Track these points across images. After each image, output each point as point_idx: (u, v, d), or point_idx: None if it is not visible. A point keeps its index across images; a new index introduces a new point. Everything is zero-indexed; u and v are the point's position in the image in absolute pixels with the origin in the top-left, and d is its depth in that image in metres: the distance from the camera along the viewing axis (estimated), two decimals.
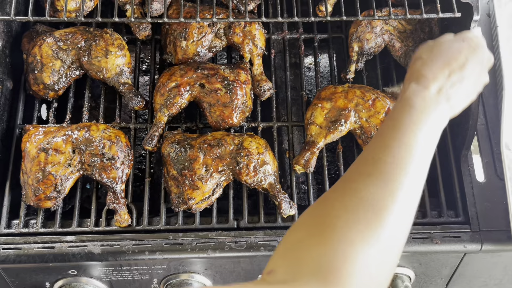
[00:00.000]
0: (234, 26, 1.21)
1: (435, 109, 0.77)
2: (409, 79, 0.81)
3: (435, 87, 0.78)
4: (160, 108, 1.15)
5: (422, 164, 0.74)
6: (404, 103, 0.77)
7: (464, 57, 0.81)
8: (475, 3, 1.07)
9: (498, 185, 1.14)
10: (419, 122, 0.74)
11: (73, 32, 1.18)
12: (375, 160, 0.72)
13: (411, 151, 0.72)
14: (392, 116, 0.77)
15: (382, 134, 0.76)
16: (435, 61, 0.80)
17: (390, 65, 1.29)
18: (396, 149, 0.72)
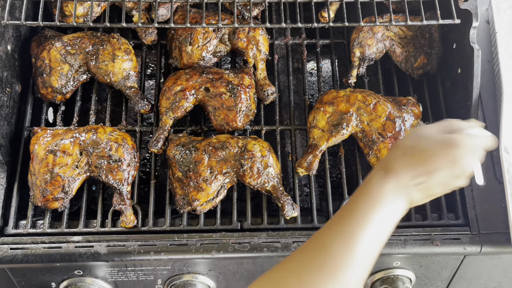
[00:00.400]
0: (238, 31, 1.23)
1: (390, 202, 0.78)
2: (380, 165, 0.83)
3: (398, 183, 0.78)
4: (165, 111, 1.17)
5: (367, 251, 0.76)
6: (364, 188, 0.80)
7: (437, 166, 0.78)
8: (475, 10, 1.09)
9: (497, 188, 1.15)
10: (371, 211, 0.77)
11: (81, 37, 1.21)
12: (321, 246, 0.76)
13: (353, 242, 0.75)
14: (352, 198, 0.81)
15: (338, 215, 0.80)
16: (408, 158, 0.80)
17: (391, 70, 1.32)
18: (341, 240, 0.75)
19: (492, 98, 1.25)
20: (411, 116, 1.16)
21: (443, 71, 1.28)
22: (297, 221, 1.14)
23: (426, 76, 1.30)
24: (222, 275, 1.18)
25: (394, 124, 1.14)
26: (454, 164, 0.79)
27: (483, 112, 1.24)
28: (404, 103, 1.18)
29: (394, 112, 1.15)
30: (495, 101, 1.23)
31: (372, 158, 1.17)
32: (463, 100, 1.16)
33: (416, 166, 0.79)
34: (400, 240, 1.11)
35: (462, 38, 1.15)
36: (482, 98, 1.26)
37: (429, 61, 1.26)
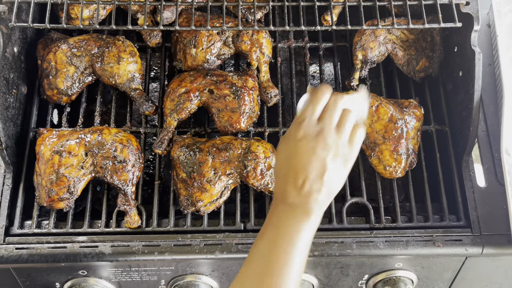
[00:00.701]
0: (242, 34, 1.25)
1: (297, 225, 0.81)
2: (274, 196, 0.87)
3: (293, 204, 0.82)
4: (170, 113, 1.18)
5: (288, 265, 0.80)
6: (269, 225, 0.85)
7: (306, 165, 0.81)
8: (476, 13, 1.10)
9: (498, 190, 1.16)
10: (286, 247, 0.81)
11: (86, 39, 1.23)
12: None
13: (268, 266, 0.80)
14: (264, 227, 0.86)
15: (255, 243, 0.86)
16: (289, 178, 0.82)
17: (393, 73, 1.33)
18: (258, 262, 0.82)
19: (493, 100, 1.27)
20: (413, 118, 1.18)
21: (444, 74, 1.29)
22: None
23: (427, 79, 1.31)
24: (225, 276, 1.19)
25: (396, 126, 1.15)
26: (326, 164, 0.81)
27: (484, 114, 1.26)
28: (406, 106, 1.20)
29: (396, 114, 1.16)
30: (496, 103, 1.24)
31: (374, 159, 1.18)
32: (464, 102, 1.17)
33: (299, 181, 0.81)
34: (402, 241, 1.12)
35: (463, 42, 1.16)
36: (483, 101, 1.27)
37: (430, 64, 1.27)
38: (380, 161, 1.17)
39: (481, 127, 1.25)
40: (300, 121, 0.86)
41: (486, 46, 1.35)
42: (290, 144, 0.85)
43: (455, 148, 1.22)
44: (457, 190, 1.19)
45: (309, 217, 0.81)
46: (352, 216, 1.19)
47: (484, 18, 1.39)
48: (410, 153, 1.18)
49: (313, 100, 0.87)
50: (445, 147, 1.24)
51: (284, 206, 0.83)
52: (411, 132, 1.17)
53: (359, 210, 1.23)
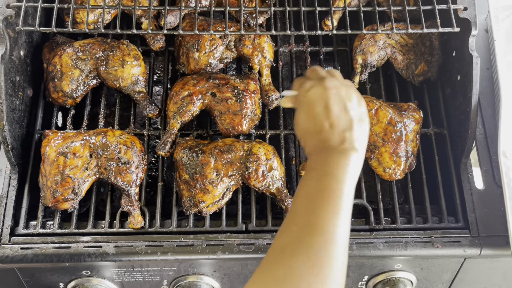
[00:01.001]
0: (244, 38, 1.27)
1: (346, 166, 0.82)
2: (308, 156, 0.88)
3: (329, 144, 0.83)
4: (173, 115, 1.20)
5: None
6: (308, 173, 0.84)
7: (326, 106, 0.84)
8: (473, 19, 1.13)
9: (496, 192, 1.18)
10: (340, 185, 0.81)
11: (91, 43, 1.25)
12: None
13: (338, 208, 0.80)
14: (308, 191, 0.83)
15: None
16: (312, 131, 0.85)
17: (393, 77, 1.35)
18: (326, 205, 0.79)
19: (491, 104, 1.29)
20: (412, 121, 1.20)
21: (443, 78, 1.31)
22: None
23: (426, 83, 1.33)
24: (226, 277, 1.20)
25: (395, 129, 1.17)
26: (343, 98, 0.84)
27: (482, 118, 1.28)
28: (405, 109, 1.21)
29: (395, 117, 1.18)
30: (494, 107, 1.26)
31: (374, 162, 1.19)
32: (462, 106, 1.19)
33: (327, 123, 0.83)
34: (401, 242, 1.14)
35: (461, 46, 1.18)
36: (481, 105, 1.29)
37: (429, 68, 1.29)
38: (380, 163, 1.19)
39: (479, 130, 1.27)
40: (301, 82, 0.90)
41: (484, 50, 1.37)
42: (303, 101, 0.87)
43: (454, 151, 1.24)
44: (456, 192, 1.20)
45: (352, 152, 0.82)
46: (352, 218, 1.20)
47: (482, 23, 1.41)
48: (409, 155, 1.20)
49: (298, 84, 0.92)
50: (444, 150, 1.26)
51: (322, 153, 0.82)
52: (410, 135, 1.19)
53: (359, 212, 1.25)
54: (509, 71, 1.31)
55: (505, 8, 1.39)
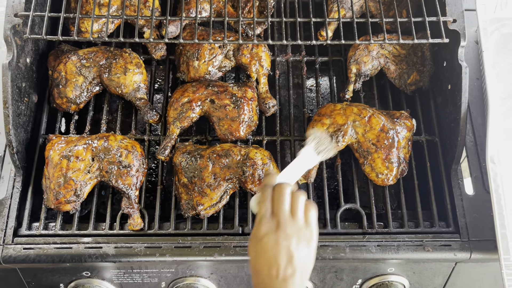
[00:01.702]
0: (242, 48, 1.31)
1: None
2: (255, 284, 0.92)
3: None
4: (173, 121, 1.25)
5: None
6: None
7: (275, 258, 0.89)
8: (462, 30, 1.17)
9: (486, 198, 1.21)
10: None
11: (95, 51, 1.30)
12: None
13: None
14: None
15: None
16: (259, 273, 0.90)
17: (386, 86, 1.39)
18: None
19: (481, 113, 1.33)
20: (403, 128, 1.23)
21: (434, 87, 1.35)
22: None
23: (419, 92, 1.38)
24: (223, 279, 1.23)
25: (388, 136, 1.21)
26: (292, 252, 0.90)
27: (472, 126, 1.32)
28: (397, 116, 1.25)
29: (388, 124, 1.22)
30: (484, 116, 1.30)
31: (367, 167, 1.23)
32: (453, 114, 1.23)
33: (273, 272, 0.88)
34: (393, 245, 1.17)
35: (451, 57, 1.22)
36: (471, 113, 1.33)
37: (421, 78, 1.34)
38: (373, 169, 1.23)
39: (469, 138, 1.31)
40: (258, 221, 0.94)
41: (474, 61, 1.42)
42: (256, 244, 0.92)
43: (445, 157, 1.28)
44: (447, 198, 1.24)
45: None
46: (346, 222, 1.24)
47: (472, 35, 1.46)
48: (401, 161, 1.23)
49: (263, 198, 0.96)
50: (435, 157, 1.30)
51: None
52: (402, 142, 1.23)
53: (352, 217, 1.28)
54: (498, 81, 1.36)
55: (494, 21, 1.44)
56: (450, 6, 1.20)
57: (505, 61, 1.39)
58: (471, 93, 1.36)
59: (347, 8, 1.36)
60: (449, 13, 1.19)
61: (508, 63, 1.39)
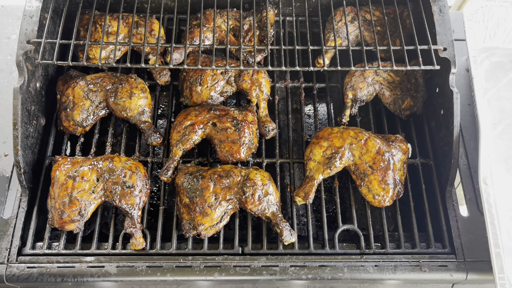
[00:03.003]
0: (243, 74, 1.37)
1: None
2: None
3: None
4: (176, 143, 1.29)
5: None
6: None
7: None
8: (452, 58, 1.23)
9: (480, 219, 1.24)
10: None
11: (102, 77, 1.35)
12: None
13: None
14: None
15: None
16: None
17: (381, 111, 1.44)
18: None
19: (474, 137, 1.37)
20: (399, 151, 1.28)
21: (428, 112, 1.40)
22: (294, 247, 1.22)
23: (413, 116, 1.42)
24: None
25: (384, 158, 1.25)
26: None
27: (465, 150, 1.36)
28: (393, 140, 1.30)
29: (384, 147, 1.26)
30: (476, 140, 1.35)
31: (364, 189, 1.26)
32: (446, 138, 1.28)
33: None
34: (390, 266, 1.19)
35: (443, 83, 1.28)
36: (464, 137, 1.38)
37: (415, 103, 1.39)
38: (369, 190, 1.26)
39: (463, 161, 1.35)
40: None
41: (465, 88, 1.47)
42: None
43: (439, 180, 1.32)
44: (442, 219, 1.26)
45: None
46: (344, 243, 1.26)
47: (463, 64, 1.53)
48: (397, 183, 1.27)
49: None
50: (430, 179, 1.34)
51: None
52: (397, 164, 1.27)
53: (350, 238, 1.31)
54: (489, 107, 1.41)
55: (484, 50, 1.51)
56: (440, 36, 1.26)
57: (495, 88, 1.45)
58: (463, 118, 1.42)
59: (343, 38, 1.42)
60: (439, 42, 1.26)
61: (498, 89, 1.45)
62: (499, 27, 1.48)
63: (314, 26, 1.54)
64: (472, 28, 1.39)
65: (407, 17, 1.40)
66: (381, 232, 1.31)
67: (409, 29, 1.35)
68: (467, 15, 1.42)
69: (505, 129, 1.38)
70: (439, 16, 1.29)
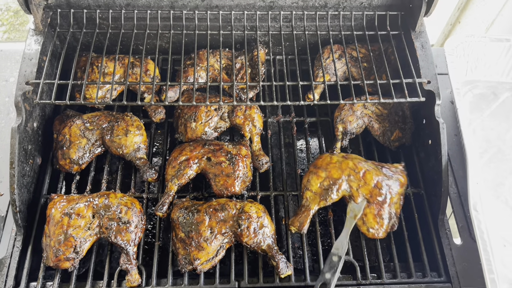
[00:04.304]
0: (236, 110, 1.41)
1: None
2: None
3: None
4: (171, 178, 1.31)
5: None
6: None
7: None
8: (437, 90, 1.29)
9: (473, 247, 1.26)
10: None
11: (98, 115, 1.39)
12: None
13: None
14: None
15: None
16: None
17: (371, 143, 1.48)
18: None
19: (462, 166, 1.41)
20: (397, 184, 1.29)
21: (417, 143, 1.44)
22: (291, 279, 1.21)
23: (402, 147, 1.46)
24: None
25: (381, 192, 1.26)
26: None
27: (454, 178, 1.39)
28: (392, 171, 1.31)
29: (382, 181, 1.28)
30: (464, 168, 1.38)
31: (359, 221, 1.28)
32: (435, 167, 1.31)
33: None
34: None
35: (429, 115, 1.33)
36: (452, 167, 1.41)
37: (403, 135, 1.43)
38: (364, 223, 1.27)
39: (453, 189, 1.37)
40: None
41: (451, 119, 1.52)
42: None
43: (431, 209, 1.34)
44: (436, 248, 1.27)
45: None
46: (341, 274, 1.26)
47: (448, 96, 1.59)
48: (392, 216, 1.27)
49: None
50: (423, 209, 1.35)
51: None
52: (394, 198, 1.28)
53: (346, 270, 1.30)
54: (475, 137, 1.46)
55: (466, 83, 1.57)
56: (424, 69, 1.32)
57: (479, 118, 1.51)
58: (450, 148, 1.46)
59: (331, 74, 1.48)
60: (423, 75, 1.31)
61: (482, 120, 1.50)
62: (479, 61, 1.55)
63: (303, 64, 1.60)
64: (453, 62, 1.46)
65: (391, 53, 1.47)
66: (376, 262, 1.31)
67: (394, 64, 1.42)
68: (448, 50, 1.49)
69: (491, 158, 1.43)
70: (421, 51, 1.35)
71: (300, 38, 1.56)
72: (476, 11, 2.30)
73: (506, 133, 1.47)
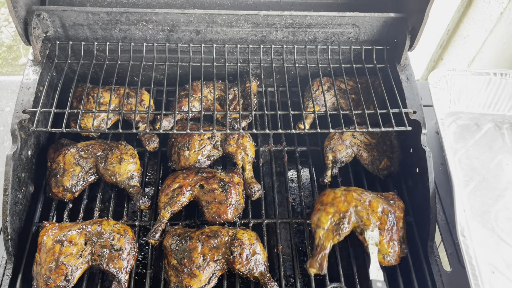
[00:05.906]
0: (229, 139, 1.45)
1: None
2: None
3: None
4: (164, 205, 1.32)
5: None
6: None
7: None
8: (422, 120, 1.34)
9: (462, 273, 1.27)
10: None
11: (93, 144, 1.41)
12: None
13: None
14: None
15: None
16: None
17: (361, 172, 1.52)
18: None
19: (449, 193, 1.44)
20: (398, 209, 1.32)
21: (405, 172, 1.48)
22: None
23: (391, 176, 1.50)
24: None
25: (389, 218, 1.29)
26: None
27: (442, 206, 1.42)
28: (391, 199, 1.34)
29: (387, 207, 1.31)
30: (451, 196, 1.41)
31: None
32: (423, 195, 1.34)
33: None
34: None
35: (416, 143, 1.37)
36: (440, 194, 1.45)
37: (392, 164, 1.47)
38: (379, 251, 1.28)
39: (441, 217, 1.40)
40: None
41: (437, 149, 1.57)
42: None
43: (420, 236, 1.36)
44: (427, 275, 1.29)
45: None
46: None
47: (433, 127, 1.64)
48: (401, 241, 1.29)
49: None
50: (412, 236, 1.37)
51: None
52: (400, 223, 1.30)
53: None
54: (460, 166, 1.50)
55: (450, 114, 1.63)
56: (409, 100, 1.38)
57: (464, 148, 1.56)
58: (437, 176, 1.50)
59: (321, 105, 1.53)
60: (409, 106, 1.37)
61: (466, 150, 1.55)
62: (461, 93, 1.62)
63: (294, 96, 1.65)
64: (437, 94, 1.52)
65: (378, 85, 1.53)
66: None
67: (381, 96, 1.47)
68: (432, 82, 1.56)
69: (477, 186, 1.47)
70: (407, 83, 1.42)
71: (290, 71, 1.61)
72: (457, 48, 2.41)
73: (490, 163, 1.52)
